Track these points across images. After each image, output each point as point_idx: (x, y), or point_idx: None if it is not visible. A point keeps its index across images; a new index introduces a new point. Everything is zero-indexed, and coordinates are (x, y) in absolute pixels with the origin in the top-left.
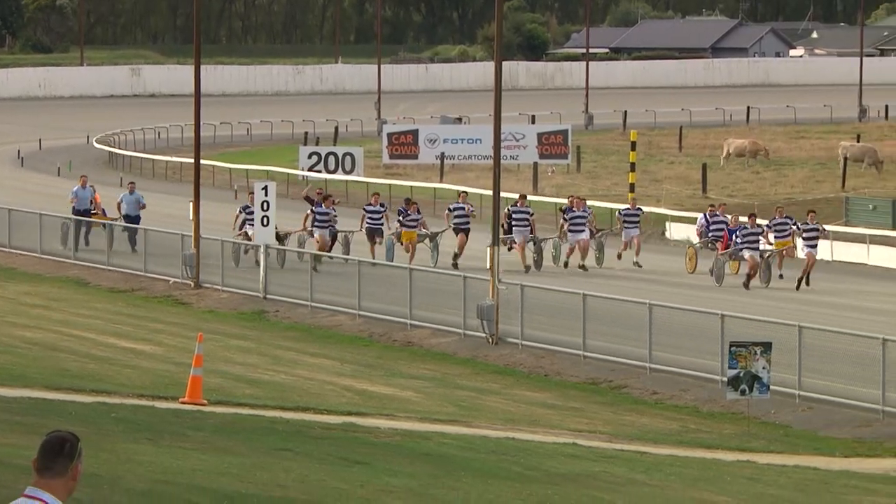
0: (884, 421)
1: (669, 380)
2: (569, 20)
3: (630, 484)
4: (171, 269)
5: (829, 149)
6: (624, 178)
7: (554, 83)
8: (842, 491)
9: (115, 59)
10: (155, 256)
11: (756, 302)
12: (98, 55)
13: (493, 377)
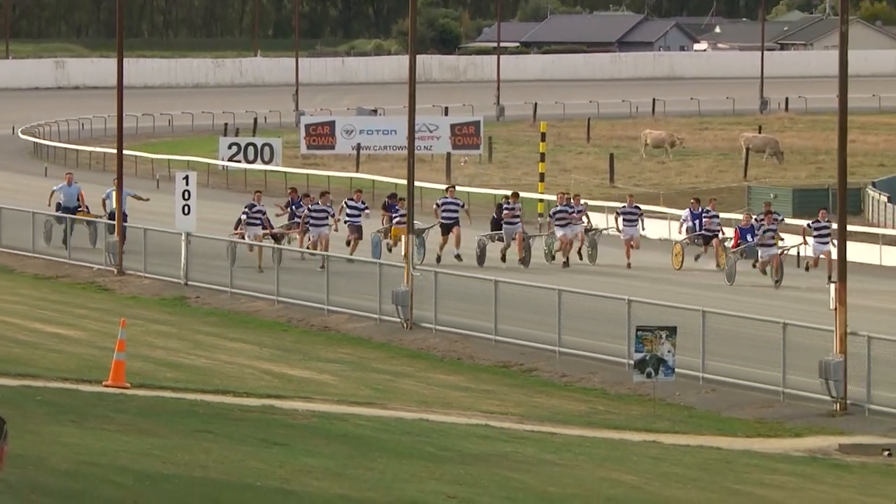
0: (784, 402)
1: (578, 363)
2: (480, 15)
3: (540, 464)
4: (94, 257)
5: (732, 140)
6: (534, 167)
7: (466, 76)
8: (744, 470)
9: (39, 53)
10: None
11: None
12: (23, 48)
13: (407, 361)
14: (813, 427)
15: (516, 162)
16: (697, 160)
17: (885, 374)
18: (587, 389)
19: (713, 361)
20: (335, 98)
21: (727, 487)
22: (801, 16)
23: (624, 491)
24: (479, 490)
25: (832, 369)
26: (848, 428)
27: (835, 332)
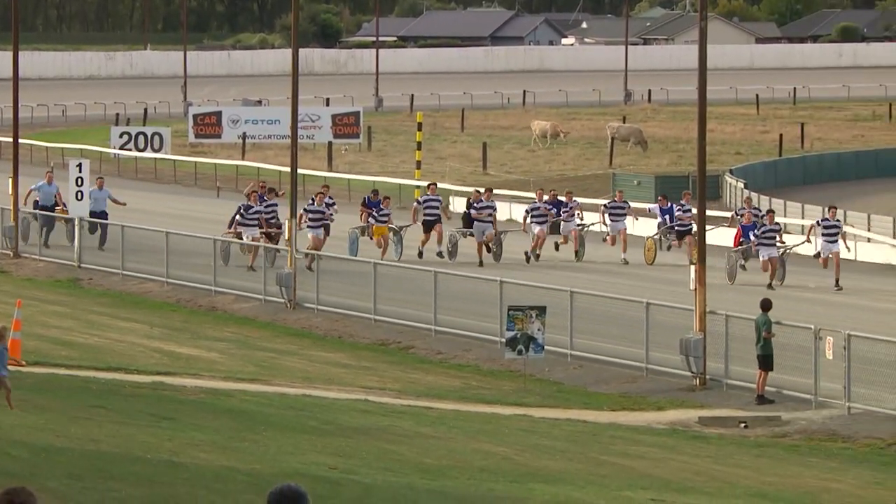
0: (647, 378)
1: (453, 341)
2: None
3: (417, 436)
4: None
5: (598, 129)
6: (411, 155)
7: (347, 69)
8: (609, 441)
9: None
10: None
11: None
12: None
13: (291, 339)
14: (674, 401)
15: (394, 150)
16: (565, 148)
17: (741, 351)
18: (461, 366)
19: (580, 339)
20: (222, 89)
21: (593, 458)
22: (663, 12)
23: (496, 462)
24: (359, 461)
25: (692, 346)
26: (707, 401)
27: (695, 311)
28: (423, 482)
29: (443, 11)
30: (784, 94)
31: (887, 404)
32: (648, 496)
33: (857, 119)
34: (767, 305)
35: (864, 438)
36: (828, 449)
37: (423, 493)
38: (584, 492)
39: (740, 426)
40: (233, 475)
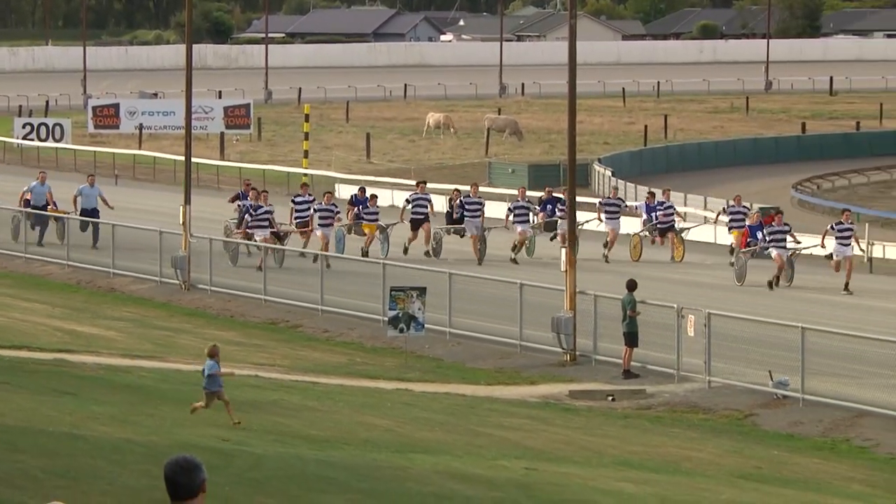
0: (521, 354)
1: (339, 320)
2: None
3: (304, 410)
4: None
5: (475, 121)
6: (299, 145)
7: (238, 63)
8: (486, 414)
9: None
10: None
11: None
12: None
13: (185, 318)
14: (546, 375)
15: (283, 140)
16: (444, 139)
17: (609, 328)
18: (346, 343)
19: (459, 318)
20: (119, 83)
21: (471, 430)
22: (535, 11)
23: (378, 433)
24: (250, 433)
25: (563, 324)
26: (577, 376)
27: (565, 291)
28: (311, 452)
29: (328, 9)
30: (649, 88)
31: (745, 378)
32: (522, 465)
33: (716, 111)
34: (633, 286)
35: (723, 410)
36: (689, 420)
37: (311, 463)
38: (462, 461)
39: (608, 399)
40: (131, 447)
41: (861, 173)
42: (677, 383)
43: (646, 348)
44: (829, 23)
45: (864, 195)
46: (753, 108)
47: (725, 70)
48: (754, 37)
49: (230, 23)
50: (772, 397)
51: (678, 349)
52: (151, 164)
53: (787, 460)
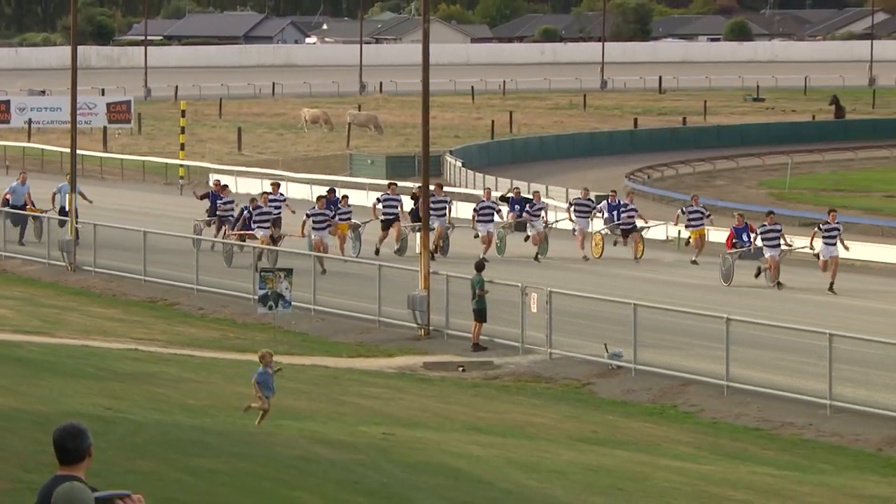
0: (379, 329)
1: (212, 298)
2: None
3: (181, 381)
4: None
5: (337, 116)
6: (176, 138)
7: (119, 63)
8: (347, 384)
9: None
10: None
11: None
12: None
13: (71, 297)
14: (402, 349)
15: (161, 134)
16: (309, 132)
17: (460, 306)
18: (220, 320)
19: (322, 296)
20: (9, 81)
21: (334, 398)
22: (392, 16)
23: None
24: (131, 403)
25: (418, 302)
26: (430, 349)
27: (420, 272)
28: (187, 420)
29: (202, 14)
30: (495, 86)
31: (583, 350)
32: (381, 430)
33: (556, 107)
34: (481, 267)
35: (563, 379)
36: (532, 388)
37: (187, 429)
38: (325, 427)
39: (459, 370)
40: (20, 415)
41: (687, 164)
42: (522, 355)
43: (493, 324)
44: (659, 27)
45: (689, 184)
46: (590, 104)
47: (565, 70)
48: (591, 40)
49: (112, 26)
50: (607, 367)
51: (522, 324)
52: (40, 156)
53: (621, 424)
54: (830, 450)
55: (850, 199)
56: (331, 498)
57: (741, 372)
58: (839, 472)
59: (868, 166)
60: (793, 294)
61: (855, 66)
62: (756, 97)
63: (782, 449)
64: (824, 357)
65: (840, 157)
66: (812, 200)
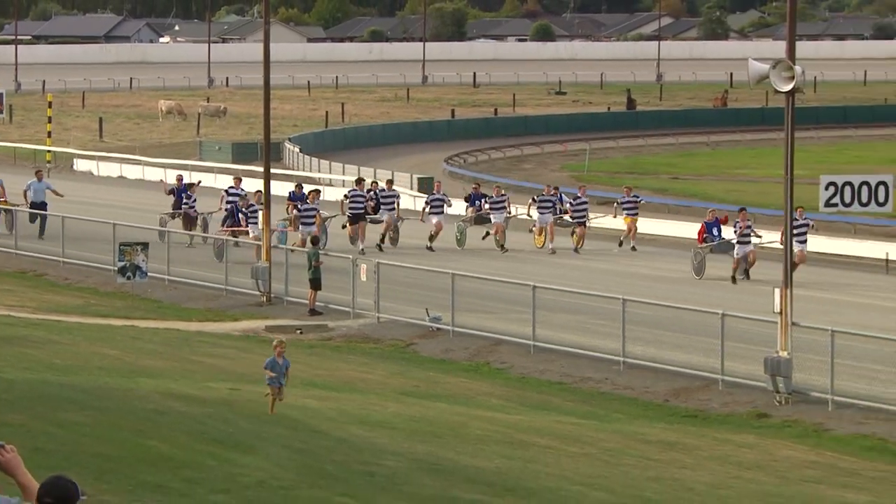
0: (226, 296)
1: (77, 270)
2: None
3: (49, 343)
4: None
5: (188, 107)
6: (44, 127)
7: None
8: (197, 345)
9: None
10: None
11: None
12: None
13: None
14: (247, 314)
15: (30, 123)
16: (164, 122)
17: (298, 276)
18: (83, 288)
19: (175, 267)
20: None
21: (185, 358)
22: (237, 18)
23: (110, 361)
24: (3, 363)
25: (260, 272)
26: (272, 314)
27: (262, 246)
28: (54, 378)
29: (67, 16)
30: (329, 81)
31: (407, 314)
32: (227, 386)
33: (383, 100)
34: (316, 241)
35: (390, 340)
36: (362, 349)
37: (55, 386)
38: (178, 384)
39: (297, 332)
40: None
41: (499, 150)
42: (353, 319)
43: (327, 291)
44: (473, 29)
45: (501, 167)
46: (413, 97)
47: (390, 67)
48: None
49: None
50: (428, 329)
51: (353, 292)
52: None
53: (441, 380)
54: (624, 401)
55: (641, 180)
56: (183, 446)
57: (546, 333)
58: (631, 421)
59: (656, 152)
60: (594, 264)
61: (644, 63)
62: (559, 91)
63: (582, 400)
64: (619, 319)
65: (632, 144)
66: (608, 182)
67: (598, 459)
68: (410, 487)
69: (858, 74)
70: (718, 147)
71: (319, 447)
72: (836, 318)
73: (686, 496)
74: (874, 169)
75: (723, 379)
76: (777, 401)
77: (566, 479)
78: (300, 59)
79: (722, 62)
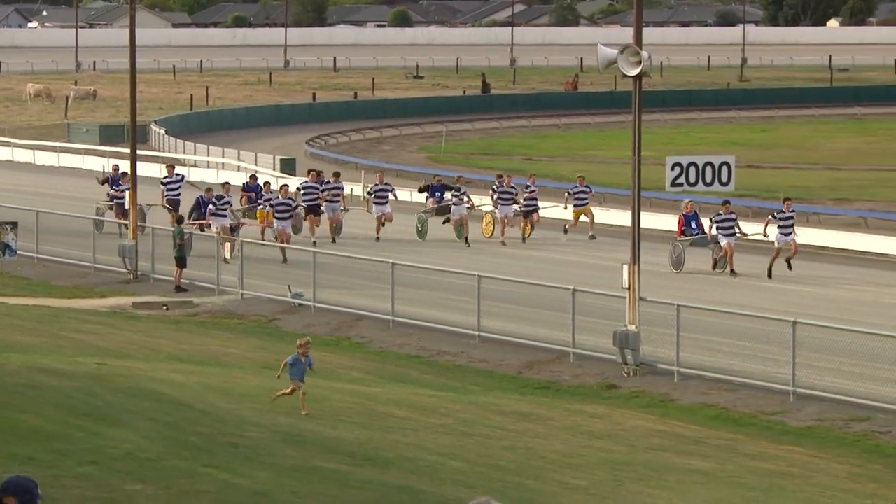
0: (94, 273)
1: None
2: None
3: None
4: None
5: (56, 90)
6: None
7: None
8: (66, 321)
9: None
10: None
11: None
12: None
13: None
14: (114, 290)
15: None
16: (33, 104)
17: (164, 254)
18: None
19: (44, 245)
20: None
21: (54, 334)
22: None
23: None
24: None
25: (127, 250)
26: (139, 291)
27: (130, 225)
28: None
29: None
30: (194, 65)
31: (270, 291)
32: (94, 360)
33: (246, 84)
34: (181, 220)
35: (253, 316)
36: (226, 324)
37: None
38: (48, 359)
39: (163, 308)
40: None
41: (358, 132)
42: (217, 296)
43: (192, 269)
44: (333, 15)
45: (361, 148)
46: (275, 81)
47: (253, 52)
48: (275, 26)
49: None
50: (290, 305)
51: (218, 270)
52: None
53: None
54: (479, 373)
55: (496, 161)
56: (52, 419)
57: (404, 308)
58: (486, 392)
59: (510, 134)
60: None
61: (498, 49)
62: (416, 75)
63: (439, 373)
64: (474, 295)
65: (487, 126)
66: (464, 163)
67: (455, 430)
68: (273, 458)
69: (702, 60)
70: (570, 129)
71: (185, 419)
72: (683, 294)
73: (538, 464)
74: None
75: (574, 352)
76: (625, 372)
77: (424, 450)
78: (166, 44)
79: (573, 48)
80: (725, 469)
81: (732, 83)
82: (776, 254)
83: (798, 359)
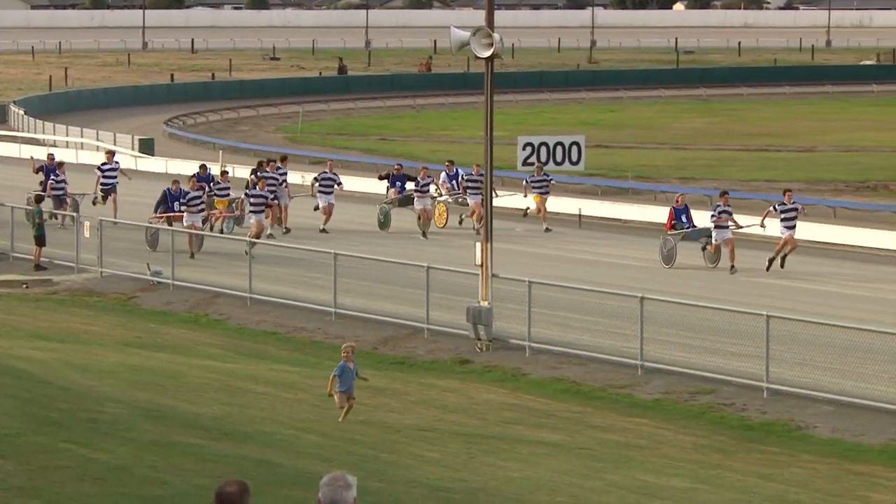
0: None
1: None
2: None
3: None
4: None
5: None
6: None
7: None
8: None
9: None
10: None
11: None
12: None
13: None
14: None
15: None
16: None
17: (20, 234)
18: None
19: None
20: None
21: None
22: None
23: None
24: None
25: None
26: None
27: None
28: None
29: None
30: (53, 47)
31: (129, 269)
32: None
33: (105, 65)
34: (40, 199)
35: (112, 294)
36: (86, 302)
37: None
38: None
39: (23, 287)
40: None
41: (216, 112)
42: (77, 274)
43: (52, 247)
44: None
45: (218, 129)
46: (134, 62)
47: (112, 33)
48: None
49: None
50: (149, 283)
51: (77, 247)
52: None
53: (162, 331)
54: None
55: (352, 141)
56: None
57: (262, 286)
58: None
59: (366, 114)
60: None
61: (354, 31)
62: (273, 57)
63: (295, 349)
64: (330, 273)
65: (343, 107)
66: (321, 143)
67: (311, 405)
68: (132, 433)
69: (553, 42)
70: (423, 110)
71: (44, 396)
72: (534, 270)
73: (393, 438)
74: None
75: (428, 328)
76: (478, 347)
77: (281, 424)
78: (24, 26)
79: (426, 30)
80: (575, 441)
81: (582, 65)
82: (781, 246)
83: (646, 333)
